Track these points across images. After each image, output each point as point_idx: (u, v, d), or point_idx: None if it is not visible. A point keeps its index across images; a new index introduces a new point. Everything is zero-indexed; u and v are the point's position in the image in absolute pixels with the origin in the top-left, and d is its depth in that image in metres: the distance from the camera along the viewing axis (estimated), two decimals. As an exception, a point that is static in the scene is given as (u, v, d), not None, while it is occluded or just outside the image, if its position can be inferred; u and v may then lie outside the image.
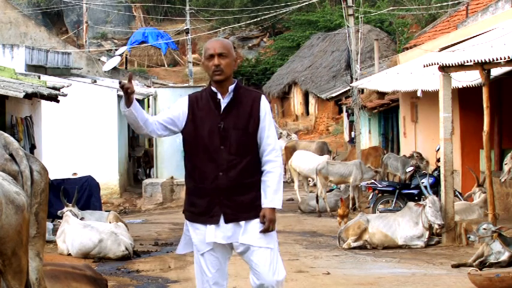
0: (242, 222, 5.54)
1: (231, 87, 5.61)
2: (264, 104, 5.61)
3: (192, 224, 5.76)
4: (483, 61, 11.93)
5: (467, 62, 12.45)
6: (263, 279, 5.51)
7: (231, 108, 5.59)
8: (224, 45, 5.62)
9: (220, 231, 5.58)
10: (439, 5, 35.69)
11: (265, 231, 5.52)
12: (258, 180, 5.57)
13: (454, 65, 12.98)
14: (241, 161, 5.54)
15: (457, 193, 15.19)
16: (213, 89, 5.64)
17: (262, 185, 5.57)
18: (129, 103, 5.63)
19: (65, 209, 13.36)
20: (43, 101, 16.79)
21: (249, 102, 5.59)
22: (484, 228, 10.61)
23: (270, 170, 5.55)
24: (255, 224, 5.53)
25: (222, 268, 5.66)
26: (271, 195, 5.53)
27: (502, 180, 13.40)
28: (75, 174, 19.77)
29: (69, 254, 12.58)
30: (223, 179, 5.55)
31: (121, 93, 22.08)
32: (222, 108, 5.59)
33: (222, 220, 5.56)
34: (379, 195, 16.69)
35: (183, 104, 5.71)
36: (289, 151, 24.57)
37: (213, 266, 5.64)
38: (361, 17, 29.29)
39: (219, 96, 5.62)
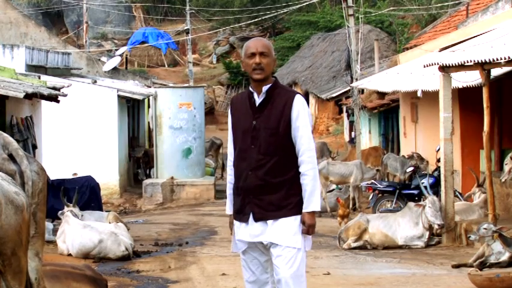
0: (270, 221, 5.61)
1: (265, 88, 5.65)
2: (297, 104, 5.60)
3: (235, 222, 5.81)
4: (483, 61, 11.93)
5: (468, 62, 12.45)
6: (278, 273, 5.58)
7: (264, 108, 5.65)
8: (266, 44, 5.69)
9: (248, 230, 5.67)
10: (439, 5, 35.70)
11: (306, 234, 5.61)
12: (287, 180, 5.60)
13: (454, 65, 12.98)
14: (270, 161, 5.59)
15: (457, 193, 15.19)
16: (251, 89, 5.73)
17: (302, 188, 5.63)
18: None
19: (66, 209, 13.35)
20: (43, 101, 16.79)
21: (282, 102, 5.62)
22: (485, 228, 10.60)
23: (304, 172, 5.60)
24: (281, 223, 5.59)
25: (263, 265, 5.72)
26: (308, 199, 5.59)
27: (503, 180, 13.41)
28: (75, 174, 19.76)
29: (70, 254, 12.57)
30: (252, 178, 5.62)
31: (121, 93, 21.97)
32: (255, 108, 5.67)
33: (251, 219, 5.65)
34: (379, 195, 16.69)
35: (229, 111, 5.87)
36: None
37: (253, 265, 5.74)
38: (361, 17, 29.30)
39: (255, 96, 5.68)
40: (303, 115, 5.60)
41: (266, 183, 5.59)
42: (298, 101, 5.62)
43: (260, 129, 5.62)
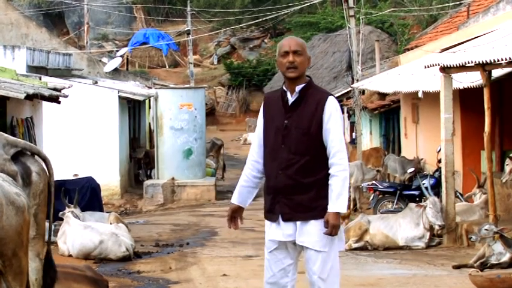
0: (298, 223, 5.57)
1: (299, 87, 5.62)
2: (330, 106, 5.57)
3: (266, 221, 5.78)
4: (484, 62, 11.92)
5: (469, 63, 12.44)
6: (311, 276, 5.59)
7: (296, 107, 5.62)
8: (299, 43, 5.67)
9: (280, 229, 5.62)
10: (440, 6, 35.71)
11: (328, 235, 5.57)
12: (317, 181, 5.56)
13: (455, 66, 12.97)
14: (299, 161, 5.55)
15: (458, 194, 15.18)
16: (284, 88, 5.69)
17: (329, 189, 5.56)
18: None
19: (66, 210, 13.36)
20: (44, 102, 16.78)
21: (314, 103, 5.58)
22: (486, 229, 10.61)
23: (334, 173, 5.53)
24: (311, 226, 5.55)
25: (285, 269, 5.67)
26: (335, 200, 5.52)
27: (503, 180, 13.42)
28: (76, 175, 19.76)
29: (70, 255, 12.57)
30: (281, 178, 5.58)
31: (122, 94, 21.98)
32: (288, 107, 5.64)
33: (280, 218, 5.62)
34: (380, 196, 16.68)
35: (261, 108, 5.83)
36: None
37: (276, 266, 5.68)
38: (362, 18, 29.27)
39: (288, 95, 5.65)
40: (334, 117, 5.56)
41: (296, 183, 5.55)
42: (331, 102, 5.58)
43: (291, 129, 5.58)
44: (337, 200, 5.51)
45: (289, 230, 5.59)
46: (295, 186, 5.56)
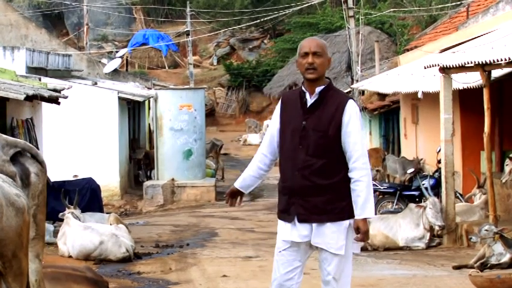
0: (313, 224, 5.56)
1: (319, 89, 5.59)
2: (350, 109, 5.53)
3: (279, 221, 5.76)
4: (484, 62, 11.93)
5: (468, 63, 12.44)
6: (325, 276, 5.63)
7: (315, 109, 5.58)
8: (320, 44, 5.64)
9: (296, 230, 5.60)
10: (439, 6, 35.71)
11: (361, 241, 5.63)
12: (333, 184, 5.53)
13: (454, 66, 12.98)
14: (316, 163, 5.52)
15: (457, 194, 15.18)
16: (303, 88, 5.66)
17: (352, 194, 5.53)
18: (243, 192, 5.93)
19: (67, 211, 13.36)
20: (44, 103, 16.78)
21: (334, 105, 5.55)
22: (486, 230, 10.60)
23: (359, 178, 5.50)
24: (327, 228, 5.55)
25: (292, 271, 5.65)
26: (363, 206, 5.50)
27: (503, 181, 13.41)
28: (76, 176, 19.74)
29: (70, 256, 12.57)
30: (297, 179, 5.56)
31: (122, 95, 21.97)
32: (306, 108, 5.61)
33: (296, 219, 5.60)
34: (380, 196, 16.68)
35: (277, 106, 5.80)
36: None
37: (284, 267, 5.66)
38: (361, 19, 29.29)
39: (307, 96, 5.62)
40: (354, 120, 5.52)
41: (312, 185, 5.52)
42: (351, 105, 5.55)
43: (309, 130, 5.55)
44: (365, 206, 5.50)
45: (305, 231, 5.58)
46: (311, 187, 5.53)
